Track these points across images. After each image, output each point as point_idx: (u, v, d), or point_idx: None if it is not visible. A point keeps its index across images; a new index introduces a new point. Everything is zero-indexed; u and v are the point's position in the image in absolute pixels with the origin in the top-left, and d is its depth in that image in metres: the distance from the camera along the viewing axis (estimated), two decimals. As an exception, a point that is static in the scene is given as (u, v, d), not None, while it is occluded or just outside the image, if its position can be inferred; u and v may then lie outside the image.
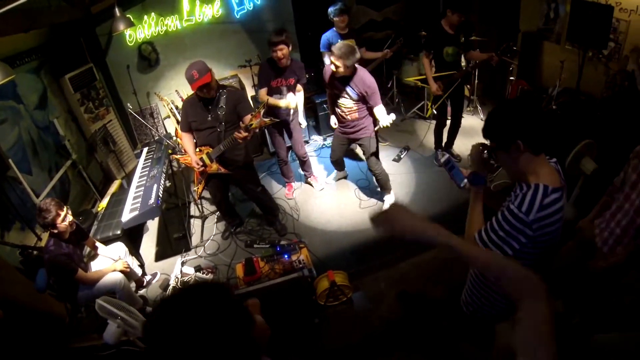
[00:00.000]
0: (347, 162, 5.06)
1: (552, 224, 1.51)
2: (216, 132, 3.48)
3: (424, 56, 4.56)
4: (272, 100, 3.99)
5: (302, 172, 4.87)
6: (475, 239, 1.63)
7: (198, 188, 3.97)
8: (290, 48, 3.81)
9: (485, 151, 1.67)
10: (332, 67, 3.48)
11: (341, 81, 3.61)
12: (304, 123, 4.32)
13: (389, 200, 4.29)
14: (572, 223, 2.62)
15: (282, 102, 4.01)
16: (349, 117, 3.80)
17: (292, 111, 4.20)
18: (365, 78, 3.54)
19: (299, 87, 4.13)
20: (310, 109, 5.95)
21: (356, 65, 3.52)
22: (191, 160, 3.64)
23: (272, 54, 3.80)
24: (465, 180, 1.77)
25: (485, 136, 1.62)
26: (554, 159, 1.66)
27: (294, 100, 4.04)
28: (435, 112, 4.85)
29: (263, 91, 4.01)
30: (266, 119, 3.32)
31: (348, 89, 3.61)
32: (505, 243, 1.54)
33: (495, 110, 1.59)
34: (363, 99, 3.65)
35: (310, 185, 4.85)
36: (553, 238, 1.59)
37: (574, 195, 3.45)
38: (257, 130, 3.33)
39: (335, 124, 4.15)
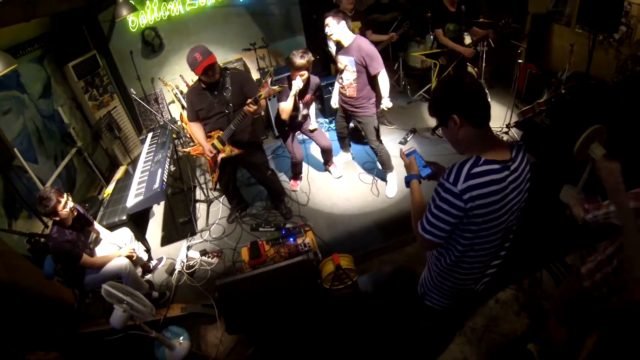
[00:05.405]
0: (354, 145, 5.04)
1: (485, 196, 1.47)
2: (225, 116, 3.39)
3: (439, 33, 4.71)
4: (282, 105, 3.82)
5: (321, 160, 4.76)
6: (419, 229, 1.64)
7: (213, 177, 3.85)
8: (310, 70, 3.68)
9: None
10: (327, 31, 3.53)
11: (342, 53, 3.64)
12: (314, 125, 4.22)
13: (391, 178, 4.26)
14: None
15: (283, 104, 3.76)
16: (347, 92, 3.79)
17: (304, 116, 4.08)
18: (362, 45, 3.52)
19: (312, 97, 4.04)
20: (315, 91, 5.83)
21: (356, 35, 3.57)
22: (203, 149, 3.55)
23: (292, 73, 3.66)
24: (429, 172, 1.93)
25: (430, 115, 1.63)
26: (521, 142, 1.61)
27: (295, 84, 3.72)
28: None
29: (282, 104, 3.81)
30: (274, 87, 3.23)
31: (347, 59, 3.60)
32: (440, 220, 1.54)
33: (433, 90, 1.62)
34: (365, 69, 3.59)
35: (329, 172, 4.77)
36: (496, 217, 1.55)
37: (582, 181, 3.40)
38: (269, 98, 3.17)
39: (335, 103, 4.17)
